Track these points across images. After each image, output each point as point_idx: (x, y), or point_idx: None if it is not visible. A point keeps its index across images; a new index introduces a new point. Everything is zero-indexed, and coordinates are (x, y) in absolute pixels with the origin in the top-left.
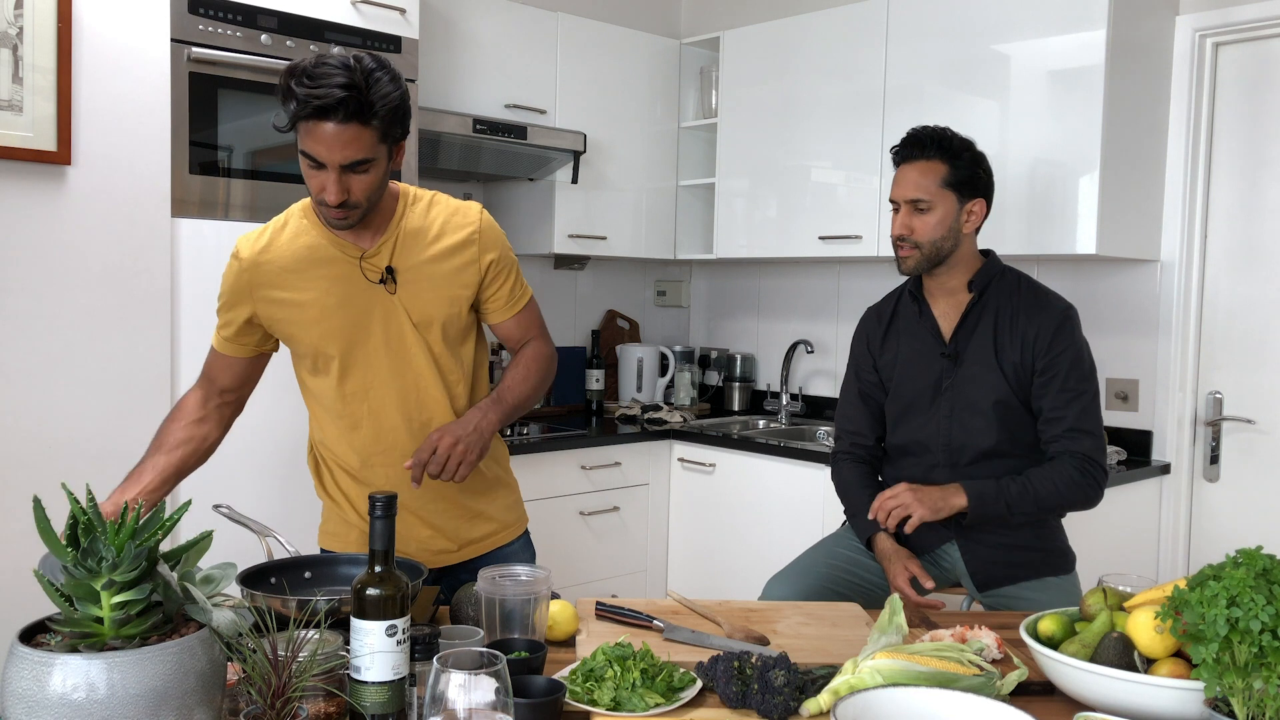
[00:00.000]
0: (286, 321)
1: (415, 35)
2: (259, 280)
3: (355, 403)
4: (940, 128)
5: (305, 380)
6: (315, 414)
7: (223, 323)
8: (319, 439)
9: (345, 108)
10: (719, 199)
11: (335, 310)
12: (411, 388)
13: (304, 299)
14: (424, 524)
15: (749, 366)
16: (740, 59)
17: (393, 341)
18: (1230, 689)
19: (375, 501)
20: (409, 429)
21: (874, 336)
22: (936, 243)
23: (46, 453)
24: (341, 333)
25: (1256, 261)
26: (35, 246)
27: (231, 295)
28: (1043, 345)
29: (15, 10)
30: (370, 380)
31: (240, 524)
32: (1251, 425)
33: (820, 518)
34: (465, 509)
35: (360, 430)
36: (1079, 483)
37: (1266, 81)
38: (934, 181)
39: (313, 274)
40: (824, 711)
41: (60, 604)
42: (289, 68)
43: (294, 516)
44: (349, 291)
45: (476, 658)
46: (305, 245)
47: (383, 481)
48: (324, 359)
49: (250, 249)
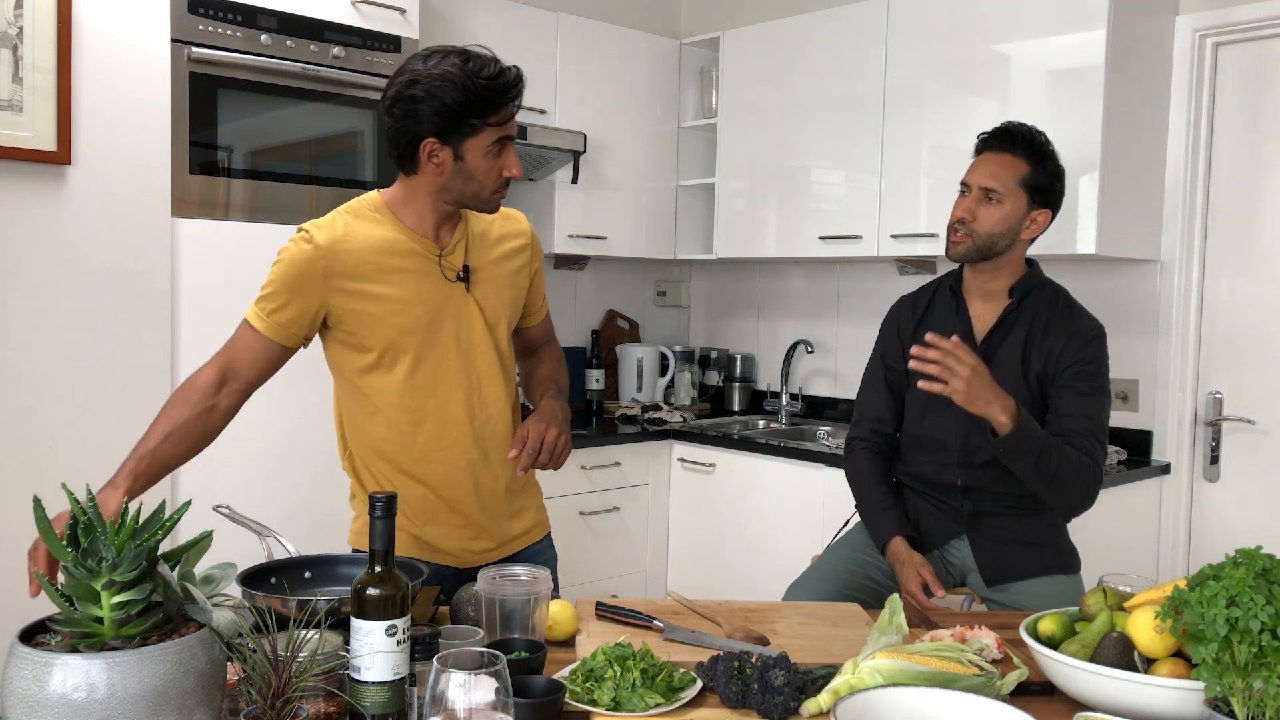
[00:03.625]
0: (361, 313)
1: (415, 35)
2: (335, 269)
3: (422, 398)
4: (1034, 128)
5: (358, 379)
6: (365, 412)
7: (276, 305)
8: (366, 438)
9: (522, 85)
10: (719, 199)
11: (413, 305)
12: (475, 385)
13: (383, 292)
14: (469, 524)
15: (749, 366)
16: (740, 59)
17: (462, 339)
18: (1230, 689)
19: (375, 501)
20: (471, 425)
21: (906, 325)
22: (994, 237)
23: (46, 452)
24: (417, 327)
25: (1256, 261)
26: (35, 246)
27: (298, 279)
28: (1068, 360)
29: (15, 10)
30: (438, 376)
31: (240, 524)
32: (1251, 425)
33: (820, 518)
34: (510, 506)
35: (424, 427)
36: (1087, 479)
37: (1266, 81)
38: (1012, 177)
39: (392, 267)
40: (824, 711)
41: (60, 604)
42: (447, 81)
43: (294, 516)
44: (427, 287)
45: (476, 658)
46: (383, 239)
47: (439, 479)
48: (395, 353)
49: (327, 236)
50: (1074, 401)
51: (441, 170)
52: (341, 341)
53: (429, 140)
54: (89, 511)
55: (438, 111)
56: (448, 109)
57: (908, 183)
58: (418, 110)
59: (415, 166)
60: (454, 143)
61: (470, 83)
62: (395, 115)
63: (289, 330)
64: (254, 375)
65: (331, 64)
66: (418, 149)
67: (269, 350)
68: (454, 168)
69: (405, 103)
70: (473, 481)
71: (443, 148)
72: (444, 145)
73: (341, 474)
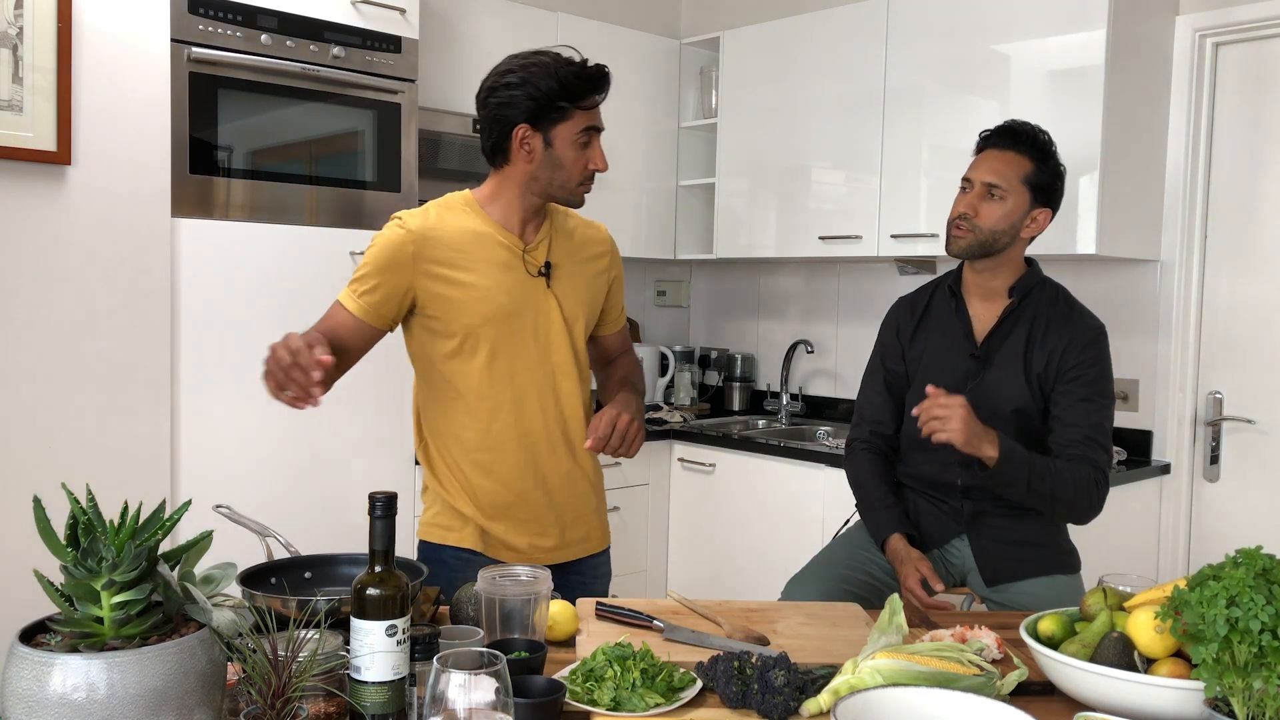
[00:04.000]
0: (446, 298)
1: (415, 35)
2: (425, 254)
3: (500, 386)
4: (1038, 126)
5: (442, 365)
6: (446, 399)
7: (368, 287)
8: (446, 426)
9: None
10: (719, 199)
11: (496, 294)
12: (551, 377)
13: (468, 279)
14: (535, 520)
15: (749, 366)
16: (740, 59)
17: (540, 332)
18: (1230, 689)
19: (375, 501)
20: (544, 418)
21: (905, 326)
22: (995, 233)
23: (46, 452)
24: (498, 317)
25: (1256, 261)
26: (35, 246)
27: (390, 262)
28: (1070, 360)
29: (15, 10)
30: (516, 367)
31: (240, 524)
32: (1251, 425)
33: (820, 518)
34: (576, 508)
35: (499, 416)
36: (1090, 491)
37: (1266, 81)
38: (1015, 174)
39: (479, 257)
40: (824, 711)
41: (60, 604)
42: (540, 68)
43: (294, 516)
44: (511, 280)
45: (476, 658)
46: (472, 230)
47: (510, 470)
48: (475, 340)
49: (419, 222)
50: (1077, 409)
51: (532, 158)
52: (425, 327)
53: (522, 126)
54: (89, 511)
55: (531, 96)
56: (541, 94)
57: (908, 183)
58: (513, 97)
59: (507, 157)
60: (545, 128)
61: (562, 70)
62: (490, 105)
63: (379, 311)
64: (354, 351)
65: (331, 64)
66: (510, 136)
67: (361, 330)
68: (544, 155)
69: (500, 90)
70: (542, 475)
71: (534, 134)
72: (535, 131)
73: (341, 474)
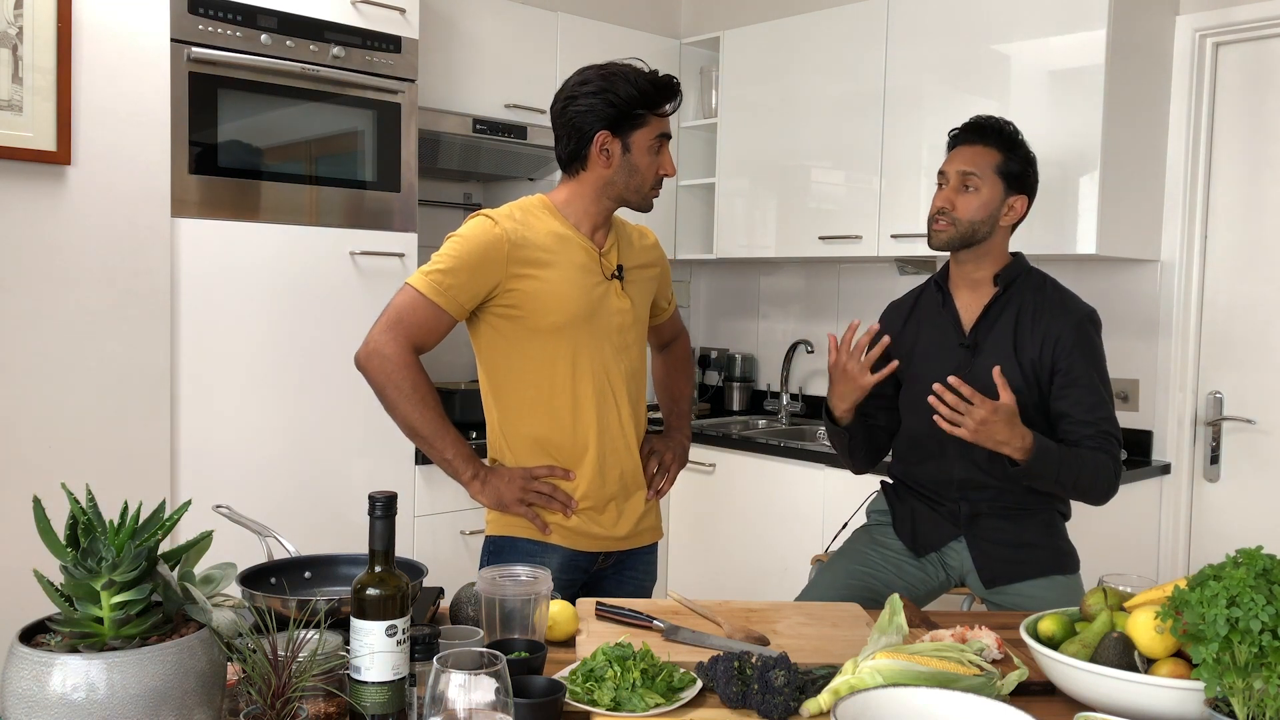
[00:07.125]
0: (533, 295)
1: (415, 35)
2: (516, 255)
3: (582, 385)
4: (1003, 119)
5: (522, 363)
6: (522, 398)
7: (456, 281)
8: (519, 425)
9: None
10: (719, 199)
11: (578, 293)
12: (628, 373)
13: (554, 277)
14: (611, 511)
15: (749, 366)
16: (740, 59)
17: (613, 333)
18: (1230, 689)
19: (375, 501)
20: (619, 415)
21: (894, 328)
22: (975, 224)
23: (46, 452)
24: (580, 315)
25: (1256, 261)
26: (35, 246)
27: (482, 257)
28: (1064, 347)
29: (15, 10)
30: (596, 365)
31: (240, 524)
32: (1252, 425)
33: (820, 518)
34: (635, 501)
35: (581, 410)
36: (1110, 478)
37: (1266, 81)
38: (987, 165)
39: (563, 257)
40: (824, 711)
41: (60, 604)
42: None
43: (294, 516)
44: (590, 281)
45: (476, 658)
46: (555, 231)
47: (589, 463)
48: (558, 339)
49: (511, 223)
50: (1081, 400)
51: (610, 163)
52: (506, 318)
53: (602, 133)
54: (89, 511)
55: (611, 104)
56: (621, 101)
57: (907, 183)
58: (593, 105)
59: (585, 163)
60: (623, 134)
61: (640, 79)
62: (570, 113)
63: (461, 305)
64: (433, 343)
65: (331, 64)
66: (590, 143)
67: (444, 322)
68: (621, 161)
69: (581, 99)
70: (618, 469)
71: (614, 140)
72: (615, 138)
73: (341, 474)
